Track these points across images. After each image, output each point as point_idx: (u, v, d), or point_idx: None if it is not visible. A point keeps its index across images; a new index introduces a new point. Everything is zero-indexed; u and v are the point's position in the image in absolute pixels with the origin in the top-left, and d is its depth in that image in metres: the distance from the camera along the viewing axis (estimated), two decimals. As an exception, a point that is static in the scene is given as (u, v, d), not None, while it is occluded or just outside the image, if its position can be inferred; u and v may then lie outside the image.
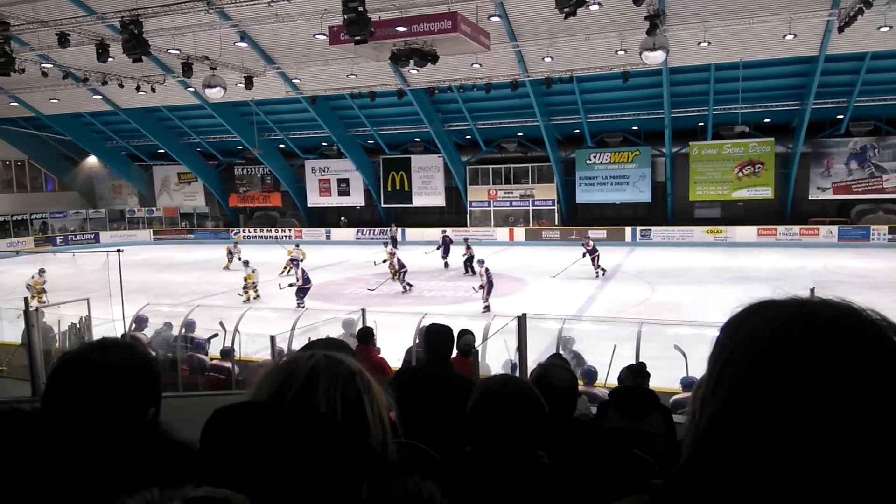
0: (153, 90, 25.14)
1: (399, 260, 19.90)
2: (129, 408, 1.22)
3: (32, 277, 18.95)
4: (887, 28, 18.56)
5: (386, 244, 23.02)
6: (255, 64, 23.66)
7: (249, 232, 37.14)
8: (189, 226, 39.01)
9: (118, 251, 13.12)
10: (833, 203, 29.30)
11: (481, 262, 16.81)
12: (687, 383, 7.23)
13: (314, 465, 0.78)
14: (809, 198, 28.94)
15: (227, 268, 24.53)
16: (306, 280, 17.34)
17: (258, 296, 18.79)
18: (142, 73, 23.84)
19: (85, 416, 1.16)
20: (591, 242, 20.94)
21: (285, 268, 20.41)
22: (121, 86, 24.47)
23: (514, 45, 21.95)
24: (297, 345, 8.27)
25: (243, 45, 22.33)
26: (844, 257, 23.71)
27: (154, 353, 9.60)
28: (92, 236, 36.53)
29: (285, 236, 35.98)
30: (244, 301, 18.05)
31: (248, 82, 23.07)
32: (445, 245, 24.06)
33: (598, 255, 20.58)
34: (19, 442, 1.01)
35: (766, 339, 0.65)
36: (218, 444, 0.81)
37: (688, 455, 0.69)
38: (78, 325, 10.31)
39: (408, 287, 19.12)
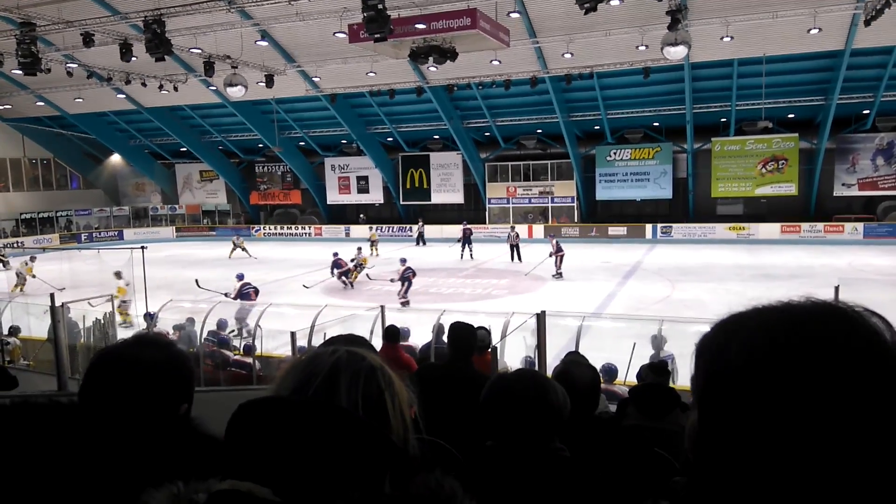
0: (175, 89, 25.43)
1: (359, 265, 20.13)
2: (162, 402, 1.25)
3: (25, 264, 19.75)
4: (916, 21, 18.17)
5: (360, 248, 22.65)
6: (275, 62, 23.83)
7: (270, 229, 37.45)
8: (211, 223, 39.43)
9: (142, 248, 13.31)
10: (859, 199, 28.79)
11: (403, 260, 17.51)
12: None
13: (337, 459, 0.79)
14: (834, 194, 28.46)
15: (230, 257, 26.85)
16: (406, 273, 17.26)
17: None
18: (164, 73, 24.13)
19: (120, 409, 1.18)
20: (556, 242, 20.52)
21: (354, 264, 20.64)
22: (144, 85, 24.80)
23: (534, 41, 21.85)
24: (317, 341, 8.33)
25: (264, 43, 22.49)
26: (870, 255, 23.29)
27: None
28: (116, 233, 37.08)
29: (305, 233, 36.24)
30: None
31: (269, 81, 23.25)
32: (466, 238, 24.03)
33: (563, 256, 20.04)
34: (55, 433, 1.03)
35: (743, 345, 0.66)
36: (242, 438, 0.82)
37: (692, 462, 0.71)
38: (102, 321, 10.48)
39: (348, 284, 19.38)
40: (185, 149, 35.80)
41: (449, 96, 27.81)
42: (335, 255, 19.95)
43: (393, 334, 6.63)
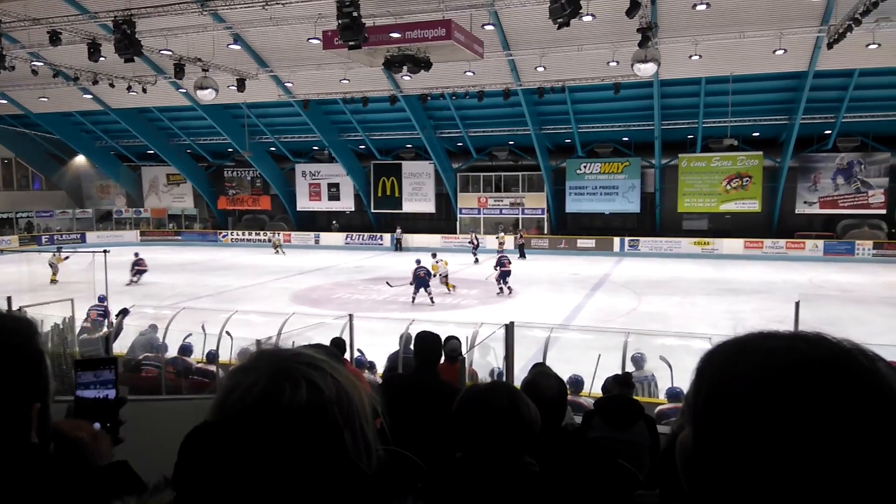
0: (144, 91, 25.02)
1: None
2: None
3: (53, 255, 20.92)
4: (875, 45, 18.80)
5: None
6: (247, 66, 23.62)
7: (238, 235, 36.98)
8: (177, 227, 38.78)
9: (104, 251, 13.00)
10: (819, 217, 29.59)
11: (418, 261, 18.75)
12: (672, 394, 7.25)
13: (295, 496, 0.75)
14: (796, 212, 29.21)
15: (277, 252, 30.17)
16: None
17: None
18: (133, 74, 23.73)
19: None
20: (476, 238, 25.25)
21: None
22: (112, 85, 24.35)
23: (508, 53, 22.05)
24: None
25: (236, 47, 22.28)
26: (829, 271, 23.94)
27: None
28: (78, 236, 36.21)
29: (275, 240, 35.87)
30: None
31: (241, 85, 23.03)
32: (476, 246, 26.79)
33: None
34: None
35: (730, 377, 0.68)
36: (192, 473, 0.77)
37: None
38: (61, 326, 10.19)
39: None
40: (152, 151, 35.20)
41: (422, 106, 27.88)
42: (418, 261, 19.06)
43: (338, 346, 6.42)
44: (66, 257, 20.50)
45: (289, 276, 23.48)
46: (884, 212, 28.12)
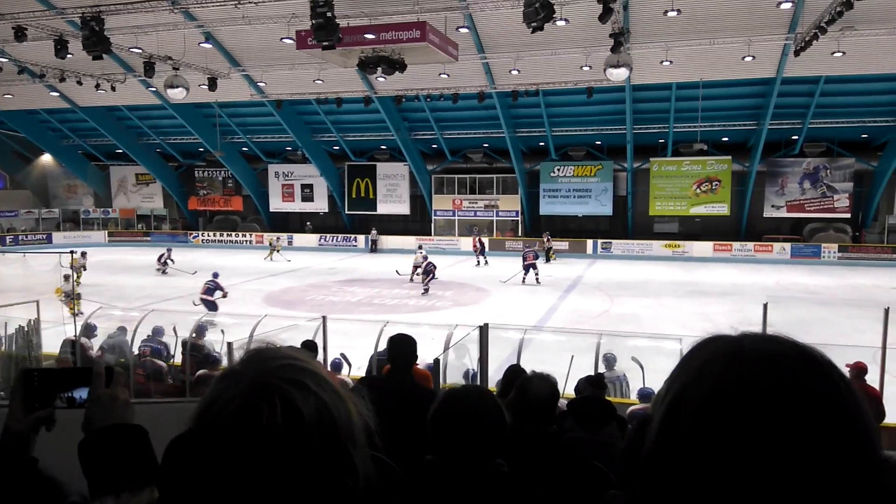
0: (113, 89, 24.56)
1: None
2: None
3: (73, 257, 19.42)
4: (840, 53, 19.29)
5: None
6: (219, 65, 23.34)
7: (209, 236, 36.49)
8: (146, 228, 38.14)
9: (71, 253, 12.73)
10: (786, 221, 30.23)
11: (425, 256, 19.91)
12: (644, 394, 7.33)
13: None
14: (764, 215, 29.80)
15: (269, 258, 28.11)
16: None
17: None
18: (102, 71, 23.30)
19: None
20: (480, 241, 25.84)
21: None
22: (79, 83, 23.86)
23: (482, 56, 22.13)
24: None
25: (208, 46, 22.01)
26: (796, 274, 24.45)
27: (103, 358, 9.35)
28: (44, 237, 35.40)
29: (246, 241, 35.48)
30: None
31: (212, 84, 22.76)
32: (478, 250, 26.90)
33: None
34: None
35: (696, 376, 0.71)
36: (173, 478, 0.76)
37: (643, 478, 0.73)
38: (26, 329, 9.94)
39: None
40: (120, 150, 34.56)
41: (397, 107, 27.84)
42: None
43: (308, 349, 6.38)
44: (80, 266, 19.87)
45: (261, 277, 23.24)
46: (848, 216, 28.83)
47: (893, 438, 6.71)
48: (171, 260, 24.28)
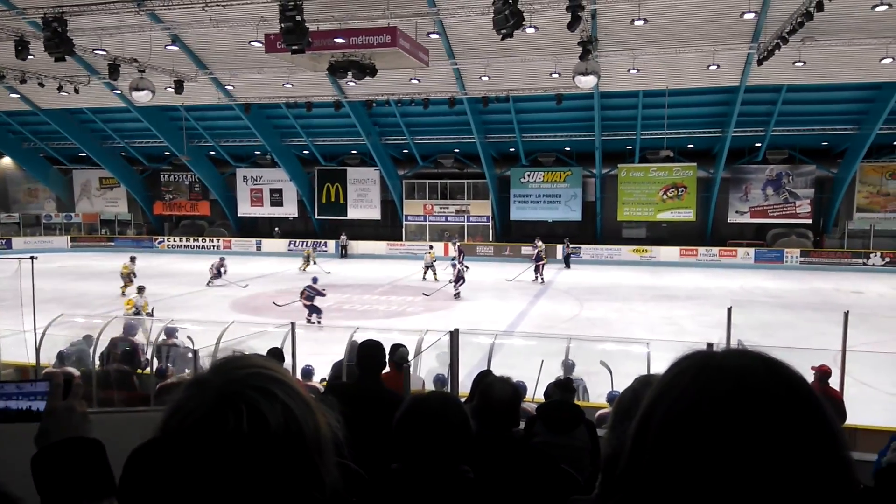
0: (76, 91, 24.02)
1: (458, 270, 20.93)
2: None
3: (124, 265, 20.74)
4: (801, 63, 19.81)
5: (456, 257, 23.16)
6: (186, 68, 23.00)
7: (175, 241, 35.87)
8: (109, 233, 37.33)
9: (31, 258, 12.37)
10: (750, 226, 30.88)
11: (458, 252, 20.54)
12: (612, 398, 7.40)
13: None
14: (728, 221, 30.41)
15: (303, 268, 26.31)
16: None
17: None
18: (64, 73, 22.77)
19: None
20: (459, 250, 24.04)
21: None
22: (41, 85, 23.29)
23: (453, 62, 22.21)
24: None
25: (174, 48, 21.68)
26: (760, 278, 24.98)
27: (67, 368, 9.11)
28: (3, 242, 34.39)
29: (213, 246, 34.96)
30: None
31: (179, 87, 22.39)
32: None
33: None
34: None
35: (681, 390, 0.72)
36: (134, 488, 0.74)
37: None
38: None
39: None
40: (84, 154, 33.82)
41: (367, 112, 27.75)
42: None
43: (274, 357, 6.26)
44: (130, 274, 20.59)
45: (228, 283, 22.92)
46: (810, 221, 29.59)
47: (853, 439, 6.87)
48: (225, 270, 22.65)
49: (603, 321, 16.33)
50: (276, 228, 36.01)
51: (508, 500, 1.71)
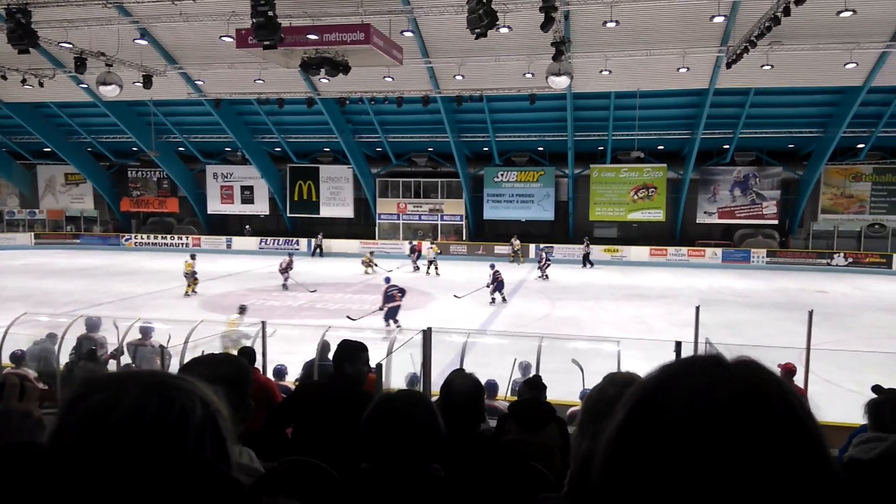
0: (41, 84, 23.44)
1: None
2: None
3: (186, 263, 20.54)
4: (769, 67, 20.22)
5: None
6: (155, 63, 22.59)
7: (142, 239, 35.24)
8: (75, 230, 36.51)
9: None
10: (718, 227, 31.42)
11: (492, 265, 19.77)
12: (584, 396, 7.46)
13: None
14: (697, 221, 30.90)
15: (367, 272, 26.00)
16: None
17: None
18: (29, 66, 22.22)
19: None
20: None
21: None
22: (4, 77, 22.66)
23: (427, 61, 22.18)
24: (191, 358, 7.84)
25: (143, 42, 21.29)
26: (727, 278, 25.44)
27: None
28: (-37, 238, 33.47)
29: (182, 244, 34.45)
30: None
31: (147, 81, 21.97)
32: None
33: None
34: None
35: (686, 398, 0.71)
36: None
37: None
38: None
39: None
40: (48, 149, 33.00)
41: (340, 109, 27.56)
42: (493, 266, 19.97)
43: (245, 356, 6.14)
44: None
45: (199, 281, 22.58)
46: (776, 222, 30.22)
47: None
48: (291, 269, 21.84)
49: (574, 320, 16.47)
50: (247, 226, 35.59)
51: (479, 498, 1.71)
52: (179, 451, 0.76)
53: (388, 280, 16.75)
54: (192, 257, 21.01)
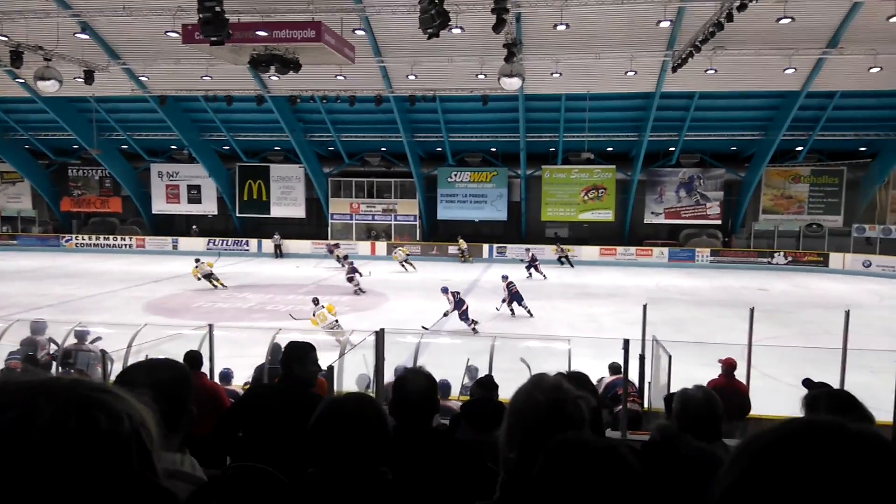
0: (-28, 77, 22.38)
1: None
2: None
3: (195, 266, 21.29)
4: (713, 71, 20.84)
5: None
6: (96, 57, 21.81)
7: (84, 239, 33.98)
8: (12, 231, 34.95)
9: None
10: (665, 227, 32.23)
11: (505, 276, 18.15)
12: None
13: None
14: (644, 222, 31.63)
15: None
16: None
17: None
18: (-42, 58, 21.15)
19: None
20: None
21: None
22: (-70, 70, 21.55)
23: (379, 60, 22.06)
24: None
25: (84, 36, 20.53)
26: (674, 276, 26.12)
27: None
28: None
29: (125, 245, 33.38)
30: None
31: (89, 77, 21.18)
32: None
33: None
34: None
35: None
36: None
37: None
38: None
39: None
40: (-18, 146, 31.51)
41: (291, 108, 27.17)
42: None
43: (192, 361, 5.98)
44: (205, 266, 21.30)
45: (142, 283, 21.94)
46: (720, 222, 31.18)
47: (758, 429, 7.26)
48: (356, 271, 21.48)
49: (527, 319, 16.63)
50: (194, 226, 34.72)
51: (431, 499, 1.69)
52: (105, 468, 0.71)
53: (445, 290, 16.22)
54: (197, 261, 21.63)
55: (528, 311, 17.12)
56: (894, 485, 0.64)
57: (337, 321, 14.04)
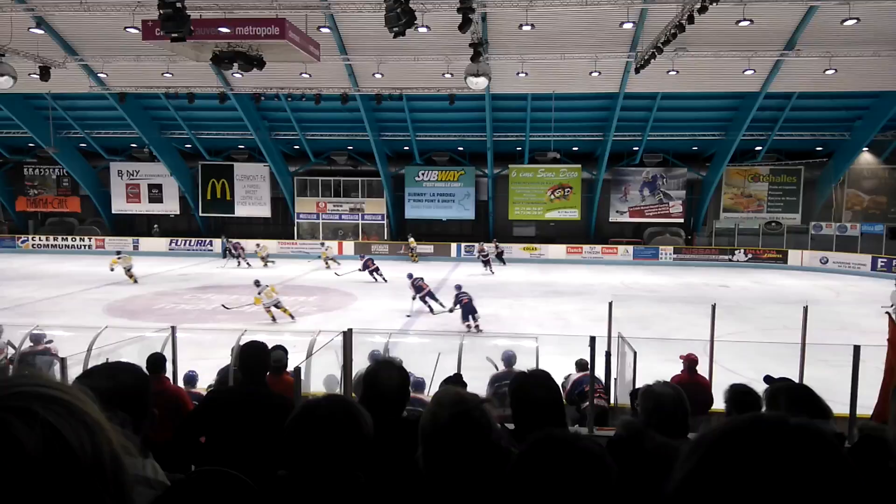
0: (-81, 73, 21.51)
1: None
2: None
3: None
4: (675, 72, 21.20)
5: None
6: (53, 53, 21.19)
7: (41, 240, 33.03)
8: (-36, 232, 33.81)
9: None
10: (629, 225, 32.71)
11: (458, 286, 16.23)
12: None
13: None
14: (610, 220, 32.06)
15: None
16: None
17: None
18: None
19: None
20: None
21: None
22: None
23: (345, 58, 21.89)
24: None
25: (39, 31, 19.93)
26: (638, 274, 26.52)
27: None
28: None
29: (84, 245, 32.54)
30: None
31: (45, 73, 20.56)
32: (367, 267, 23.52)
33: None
34: None
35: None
36: None
37: None
38: None
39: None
40: (-69, 144, 30.38)
41: (255, 105, 26.80)
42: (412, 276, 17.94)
43: (155, 364, 5.84)
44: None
45: (101, 285, 21.41)
46: (682, 220, 31.77)
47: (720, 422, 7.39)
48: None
49: (495, 317, 16.69)
50: (155, 226, 34.03)
51: (405, 498, 1.68)
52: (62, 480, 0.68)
53: (459, 287, 15.95)
54: (118, 253, 22.21)
55: (475, 327, 14.98)
56: (830, 473, 0.72)
57: (279, 301, 15.97)
